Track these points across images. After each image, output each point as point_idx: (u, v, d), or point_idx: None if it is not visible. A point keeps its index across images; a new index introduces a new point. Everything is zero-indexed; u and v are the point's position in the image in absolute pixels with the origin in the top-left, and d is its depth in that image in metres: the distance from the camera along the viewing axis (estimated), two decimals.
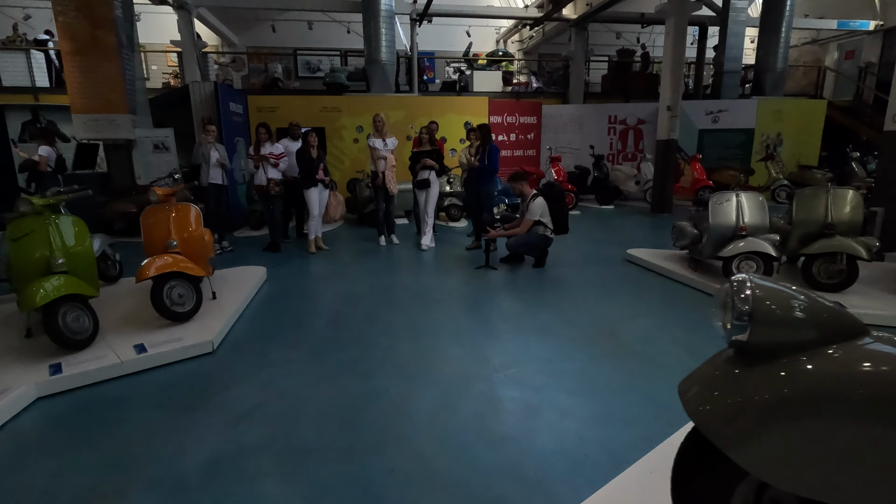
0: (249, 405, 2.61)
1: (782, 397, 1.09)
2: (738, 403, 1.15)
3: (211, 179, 6.12)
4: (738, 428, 1.12)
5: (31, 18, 12.88)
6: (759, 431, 1.10)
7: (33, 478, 2.06)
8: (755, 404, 1.12)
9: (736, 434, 1.12)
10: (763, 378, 1.15)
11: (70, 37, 7.13)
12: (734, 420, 1.14)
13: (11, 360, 2.97)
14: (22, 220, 3.17)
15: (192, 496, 1.92)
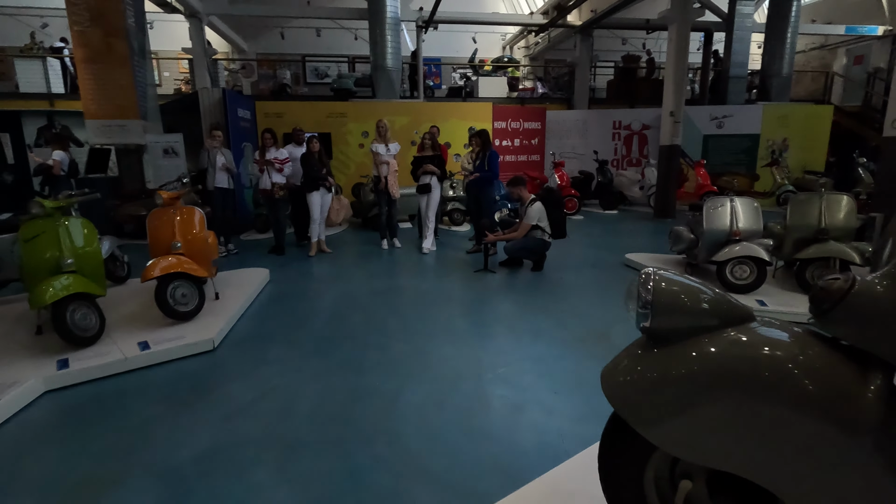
0: (246, 400, 2.71)
1: (680, 377, 1.20)
2: (644, 384, 1.26)
3: (217, 183, 6.28)
4: (644, 406, 1.23)
5: (48, 26, 13.24)
6: (662, 408, 1.20)
7: (39, 464, 2.18)
8: (657, 384, 1.22)
9: (643, 411, 1.23)
10: (664, 360, 1.25)
11: (84, 45, 7.35)
12: (641, 399, 1.25)
13: (21, 356, 3.11)
14: (34, 221, 3.31)
15: (187, 483, 2.03)
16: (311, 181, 6.25)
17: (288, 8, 13.14)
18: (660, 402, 1.21)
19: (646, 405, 1.23)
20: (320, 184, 6.27)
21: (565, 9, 11.89)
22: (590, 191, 11.16)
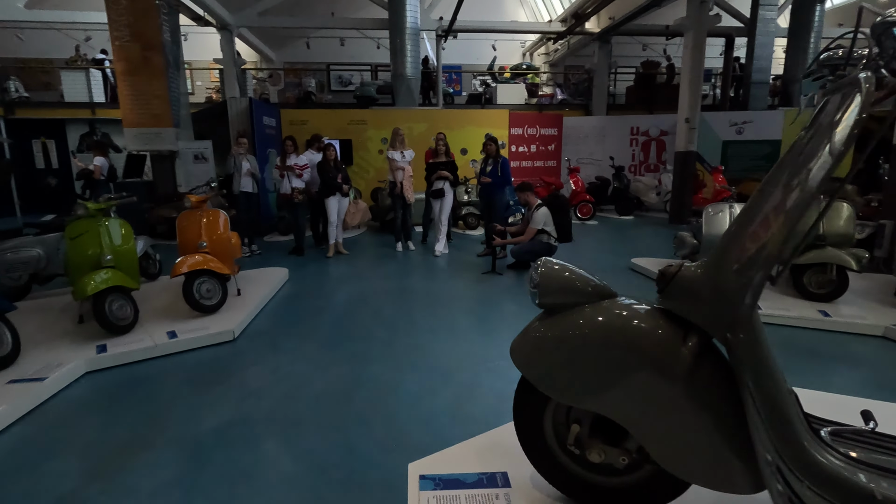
0: (259, 384, 3.00)
1: (558, 338, 1.52)
2: (536, 346, 1.55)
3: (242, 188, 6.67)
4: (535, 363, 1.53)
5: (92, 39, 14.07)
6: (547, 364, 1.52)
7: (80, 431, 2.50)
8: (544, 345, 1.50)
9: (535, 368, 1.52)
10: (549, 327, 1.55)
11: (124, 59, 7.89)
12: (533, 358, 1.54)
13: (65, 341, 3.48)
14: (78, 221, 3.70)
15: (205, 451, 2.32)
16: (327, 187, 6.58)
17: (313, 19, 13.66)
18: (545, 359, 1.53)
19: (536, 362, 1.53)
20: (336, 189, 6.61)
21: (583, 17, 12.03)
22: (606, 196, 11.25)
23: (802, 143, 1.17)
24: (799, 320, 3.91)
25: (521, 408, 1.66)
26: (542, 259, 1.69)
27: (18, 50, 14.40)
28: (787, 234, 1.13)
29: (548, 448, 1.63)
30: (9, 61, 13.97)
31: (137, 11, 7.77)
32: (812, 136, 1.15)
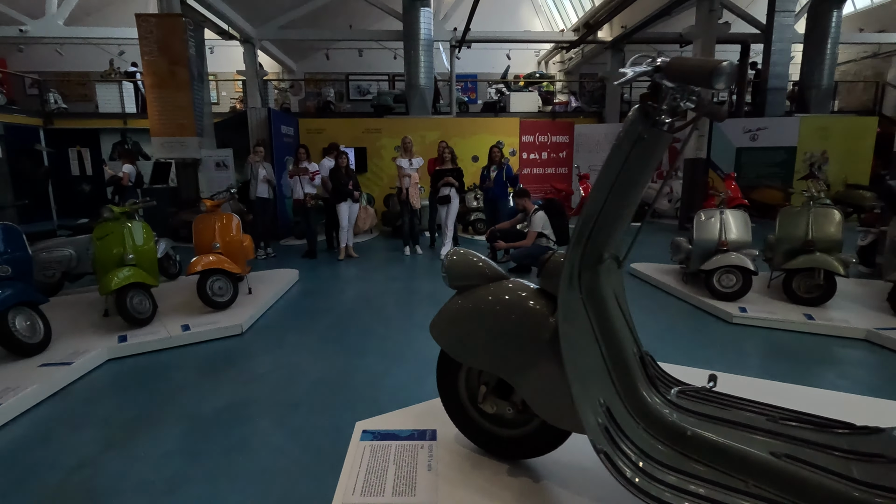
0: (261, 372, 3.28)
1: (461, 310, 1.81)
2: (446, 319, 1.80)
3: (258, 193, 7.05)
4: (445, 333, 1.79)
5: (125, 53, 14.86)
6: (453, 333, 1.81)
7: (102, 408, 2.81)
8: (451, 317, 1.74)
9: (445, 337, 1.80)
10: (456, 303, 1.82)
11: (153, 73, 8.39)
12: (444, 329, 1.80)
13: (91, 332, 3.83)
14: (105, 223, 4.06)
15: (208, 426, 2.59)
16: (338, 193, 6.90)
17: (332, 31, 14.15)
18: (453, 330, 1.81)
19: (447, 334, 1.80)
20: (347, 195, 6.92)
21: (594, 27, 12.19)
22: None
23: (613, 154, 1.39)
24: (784, 323, 4.00)
25: (442, 374, 1.94)
26: (452, 249, 1.95)
27: (58, 64, 15.31)
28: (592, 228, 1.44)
29: (462, 406, 1.91)
30: (49, 75, 14.86)
31: (165, 28, 8.27)
32: (614, 149, 1.36)
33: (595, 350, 1.39)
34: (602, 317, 1.45)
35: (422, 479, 1.78)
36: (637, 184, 1.40)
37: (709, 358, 3.46)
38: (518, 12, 17.95)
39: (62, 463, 2.30)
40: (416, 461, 1.90)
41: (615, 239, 1.51)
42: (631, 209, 1.47)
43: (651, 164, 1.38)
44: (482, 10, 10.95)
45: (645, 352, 1.66)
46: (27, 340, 3.30)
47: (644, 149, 1.31)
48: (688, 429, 1.23)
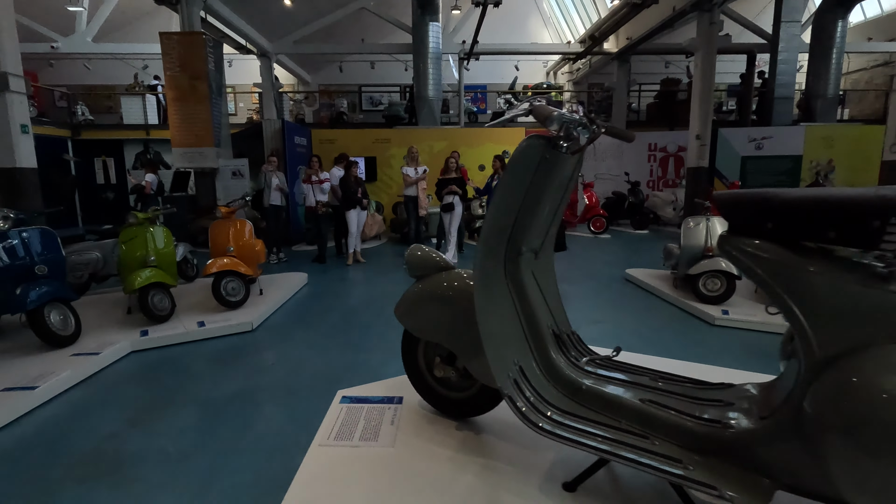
0: (267, 364, 3.59)
1: (416, 293, 2.12)
2: (406, 301, 2.08)
3: (271, 201, 7.43)
4: (405, 313, 2.08)
5: (148, 67, 15.55)
6: (410, 311, 2.13)
7: (124, 394, 3.14)
8: (410, 300, 2.02)
9: (404, 316, 2.10)
10: (414, 288, 2.12)
11: (174, 87, 8.89)
12: (405, 310, 2.07)
13: (116, 327, 4.19)
14: (129, 228, 4.44)
15: (217, 409, 2.90)
16: (348, 200, 7.25)
17: (345, 45, 14.66)
18: (411, 310, 2.13)
19: (406, 313, 2.11)
20: (356, 203, 7.26)
21: (598, 39, 12.45)
22: (622, 211, 11.51)
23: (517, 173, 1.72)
24: (763, 325, 4.19)
25: (405, 349, 2.26)
26: (412, 245, 2.27)
27: (86, 78, 16.07)
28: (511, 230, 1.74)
29: (421, 374, 2.24)
30: (77, 88, 15.60)
31: (186, 45, 8.76)
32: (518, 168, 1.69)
33: (516, 322, 1.67)
34: (522, 296, 1.76)
35: (385, 430, 2.12)
36: (544, 193, 1.73)
37: (688, 357, 3.66)
38: (527, 24, 18.30)
39: (91, 435, 2.62)
40: (382, 418, 2.25)
41: (532, 236, 1.82)
42: (542, 213, 1.76)
43: (553, 180, 1.69)
44: (492, 22, 11.31)
45: (570, 330, 1.96)
46: (60, 333, 3.66)
47: (547, 168, 1.61)
48: (583, 384, 1.50)
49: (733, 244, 1.23)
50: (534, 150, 1.62)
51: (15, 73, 5.27)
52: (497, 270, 1.70)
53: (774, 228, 1.12)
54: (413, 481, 1.69)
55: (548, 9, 17.73)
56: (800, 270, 1.10)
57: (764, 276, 1.16)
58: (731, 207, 1.21)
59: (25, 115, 5.45)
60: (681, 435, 1.27)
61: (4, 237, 3.57)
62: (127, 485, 2.21)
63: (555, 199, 1.76)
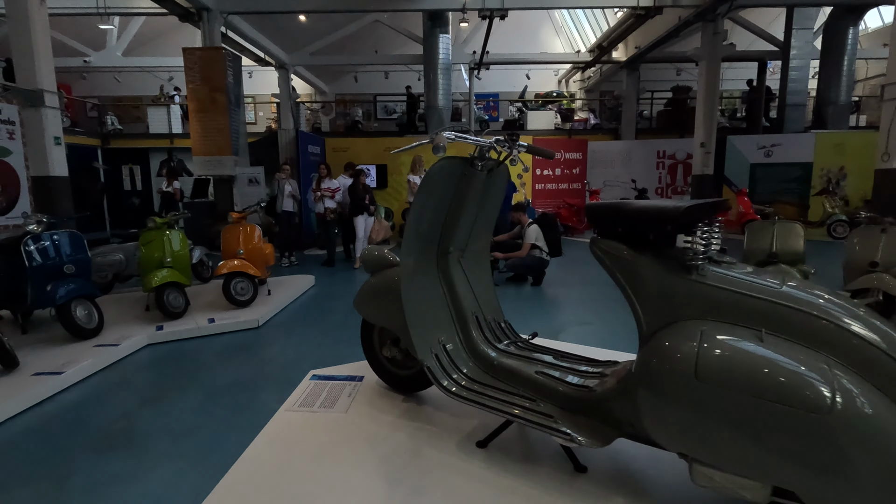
0: (268, 357, 3.91)
1: (370, 286, 2.41)
2: (362, 294, 2.33)
3: (284, 207, 7.83)
4: (361, 303, 2.30)
5: (173, 79, 16.27)
6: (364, 302, 2.41)
7: (139, 381, 3.49)
8: (365, 291, 2.25)
9: (360, 305, 2.37)
10: (369, 281, 2.37)
11: (195, 99, 9.39)
12: (361, 301, 2.30)
13: (135, 322, 4.57)
14: (149, 232, 4.83)
15: (221, 394, 3.22)
16: (356, 207, 7.59)
17: (360, 56, 15.13)
18: (365, 300, 2.37)
19: (362, 303, 2.39)
20: (364, 209, 7.60)
21: (606, 49, 12.63)
22: None
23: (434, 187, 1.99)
24: None
25: (363, 335, 2.56)
26: (367, 246, 2.55)
27: (115, 89, 16.90)
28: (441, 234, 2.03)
29: (375, 355, 2.54)
30: (107, 100, 16.42)
31: (207, 60, 9.27)
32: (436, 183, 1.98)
33: (445, 308, 1.94)
34: (451, 288, 2.02)
35: (342, 401, 2.46)
36: (464, 204, 2.03)
37: None
38: (539, 33, 18.55)
39: (108, 414, 2.96)
40: (342, 392, 2.61)
41: (457, 238, 2.10)
42: (463, 219, 2.04)
43: (471, 193, 1.97)
44: (504, 31, 11.62)
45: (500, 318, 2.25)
46: (85, 326, 4.05)
47: (466, 182, 1.89)
48: (495, 359, 1.75)
49: (596, 244, 1.47)
50: (450, 170, 1.89)
51: (49, 89, 5.76)
52: (428, 266, 1.97)
53: (622, 232, 1.37)
54: (355, 438, 2.00)
55: (559, 18, 17.95)
56: (634, 264, 1.35)
57: (613, 269, 1.42)
58: (594, 215, 1.47)
59: (59, 128, 5.93)
60: (559, 398, 1.52)
61: (38, 239, 3.98)
62: (138, 454, 2.53)
63: (473, 208, 2.04)
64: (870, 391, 1.01)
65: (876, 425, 0.99)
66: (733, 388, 1.09)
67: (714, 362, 1.14)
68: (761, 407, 1.05)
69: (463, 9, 9.42)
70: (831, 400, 0.99)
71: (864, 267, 4.36)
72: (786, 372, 1.05)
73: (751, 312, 1.19)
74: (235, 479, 1.79)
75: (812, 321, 1.12)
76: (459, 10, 9.55)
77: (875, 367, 1.04)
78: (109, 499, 2.17)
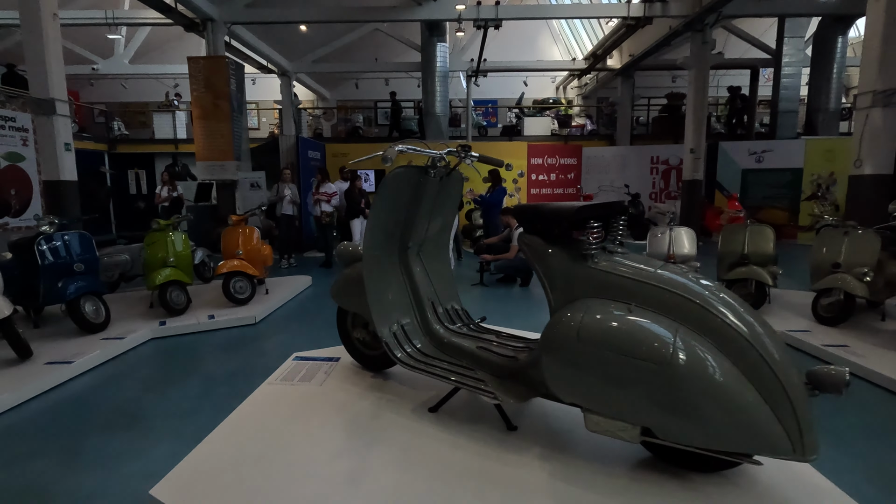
0: (264, 350, 4.17)
1: (343, 277, 2.58)
2: (337, 283, 2.57)
3: (284, 211, 8.11)
4: (336, 291, 2.52)
5: (179, 86, 16.65)
6: (339, 290, 2.62)
7: (142, 371, 3.76)
8: (339, 281, 2.49)
9: (335, 293, 2.58)
10: (342, 274, 2.60)
11: (200, 106, 9.72)
12: (336, 290, 2.53)
13: (140, 318, 4.85)
14: (153, 233, 5.11)
15: (218, 382, 3.48)
16: (352, 210, 7.87)
17: (360, 64, 15.47)
18: (340, 288, 2.59)
19: (336, 291, 2.61)
20: (360, 212, 7.88)
21: (600, 57, 12.91)
22: None
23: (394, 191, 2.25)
24: None
25: (339, 320, 2.78)
26: (343, 243, 2.79)
27: (122, 96, 17.29)
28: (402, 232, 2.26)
29: (349, 338, 2.77)
30: (114, 106, 16.81)
31: (211, 68, 9.60)
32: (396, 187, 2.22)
33: (405, 295, 2.20)
34: (410, 277, 2.27)
35: (318, 376, 2.74)
36: (422, 204, 2.28)
37: None
38: (537, 40, 18.86)
39: (114, 399, 3.23)
40: (319, 369, 2.88)
41: (415, 235, 2.36)
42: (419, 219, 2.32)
43: (427, 196, 2.24)
44: (503, 39, 11.92)
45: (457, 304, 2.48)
46: (93, 321, 4.33)
47: (422, 187, 2.15)
48: (445, 337, 2.02)
49: (521, 238, 1.76)
50: (406, 176, 2.17)
51: (60, 98, 6.07)
52: (391, 258, 2.23)
53: (541, 228, 1.63)
54: (325, 405, 2.28)
55: (557, 26, 18.27)
56: (546, 254, 1.62)
57: (532, 259, 1.70)
58: (521, 214, 1.75)
59: (69, 135, 6.24)
60: (492, 367, 1.79)
61: (50, 239, 4.26)
62: (140, 433, 2.79)
63: (429, 209, 2.32)
64: (708, 349, 1.27)
65: (705, 373, 1.24)
66: (604, 347, 1.36)
67: (590, 328, 1.41)
68: (623, 361, 1.32)
69: (458, 19, 9.72)
70: (671, 354, 1.25)
71: (828, 268, 4.59)
72: (640, 334, 1.31)
73: (628, 291, 1.45)
74: (219, 436, 2.08)
75: (671, 297, 1.38)
76: (455, 21, 9.84)
77: (717, 332, 1.31)
78: (115, 470, 2.43)
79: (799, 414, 1.26)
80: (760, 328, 1.35)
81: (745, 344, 1.30)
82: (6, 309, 3.46)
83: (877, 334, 4.15)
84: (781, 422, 1.25)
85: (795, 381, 1.29)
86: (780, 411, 1.25)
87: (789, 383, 1.26)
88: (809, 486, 1.49)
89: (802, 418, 1.26)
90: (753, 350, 1.30)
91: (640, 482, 1.44)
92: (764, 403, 1.26)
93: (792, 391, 1.27)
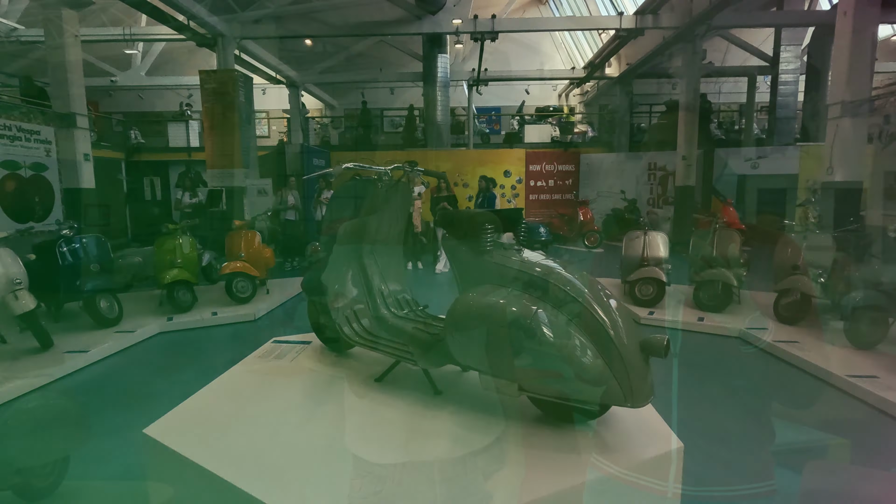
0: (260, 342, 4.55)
1: (313, 272, 2.81)
2: (306, 278, 2.86)
3: (287, 217, 8.55)
4: (305, 283, 2.84)
5: (192, 96, 17.30)
6: (308, 284, 2.84)
7: (150, 361, 4.18)
8: (309, 275, 2.81)
9: (305, 286, 2.90)
10: (311, 272, 2.87)
11: (210, 117, 10.24)
12: (305, 281, 2.84)
13: (149, 314, 5.28)
14: (163, 236, 5.56)
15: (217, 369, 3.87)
16: None
17: (366, 73, 15.98)
18: (309, 282, 2.89)
19: (305, 282, 2.88)
20: None
21: (598, 65, 13.24)
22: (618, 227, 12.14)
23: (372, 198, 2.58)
24: (679, 324, 4.89)
25: (310, 309, 3.11)
26: (312, 242, 3.15)
27: (139, 106, 18.01)
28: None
29: (318, 322, 3.06)
30: (132, 115, 17.52)
31: (221, 81, 10.11)
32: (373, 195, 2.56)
33: (362, 286, 2.55)
34: (363, 271, 2.60)
35: (289, 355, 3.07)
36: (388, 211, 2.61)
37: None
38: (540, 48, 19.22)
39: (124, 382, 3.65)
40: (292, 350, 3.20)
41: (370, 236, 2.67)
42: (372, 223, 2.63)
43: (395, 204, 2.57)
44: (505, 47, 12.29)
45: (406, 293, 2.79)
46: (107, 316, 4.77)
47: (392, 196, 2.51)
48: (389, 319, 2.39)
49: (445, 240, 2.12)
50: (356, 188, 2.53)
51: (80, 112, 6.59)
52: (348, 255, 2.60)
53: (461, 231, 2.01)
54: (289, 376, 2.64)
55: (559, 35, 18.62)
56: (461, 252, 1.99)
57: (451, 257, 2.06)
58: (443, 220, 2.12)
59: (88, 146, 6.76)
60: (420, 342, 2.15)
61: (70, 241, 4.72)
62: (147, 409, 3.18)
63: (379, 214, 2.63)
64: (563, 321, 1.63)
65: (558, 340, 1.60)
66: (483, 320, 1.74)
67: (474, 305, 1.79)
68: (498, 331, 1.69)
69: (456, 32, 10.13)
70: (532, 325, 1.61)
71: (788, 270, 4.87)
72: (504, 308, 1.69)
73: (511, 278, 1.82)
74: (205, 393, 2.52)
75: (542, 282, 1.75)
76: (453, 34, 10.26)
77: (572, 308, 1.67)
78: (125, 439, 2.83)
79: (630, 372, 1.61)
80: (613, 307, 1.73)
81: (592, 318, 1.67)
82: (31, 303, 3.91)
83: (831, 333, 4.42)
84: (617, 378, 1.60)
85: (630, 347, 1.64)
86: (615, 370, 1.60)
87: (624, 347, 1.62)
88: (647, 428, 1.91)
89: (633, 375, 1.62)
90: (598, 322, 1.66)
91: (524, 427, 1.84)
92: (605, 364, 1.60)
93: (626, 354, 1.62)
